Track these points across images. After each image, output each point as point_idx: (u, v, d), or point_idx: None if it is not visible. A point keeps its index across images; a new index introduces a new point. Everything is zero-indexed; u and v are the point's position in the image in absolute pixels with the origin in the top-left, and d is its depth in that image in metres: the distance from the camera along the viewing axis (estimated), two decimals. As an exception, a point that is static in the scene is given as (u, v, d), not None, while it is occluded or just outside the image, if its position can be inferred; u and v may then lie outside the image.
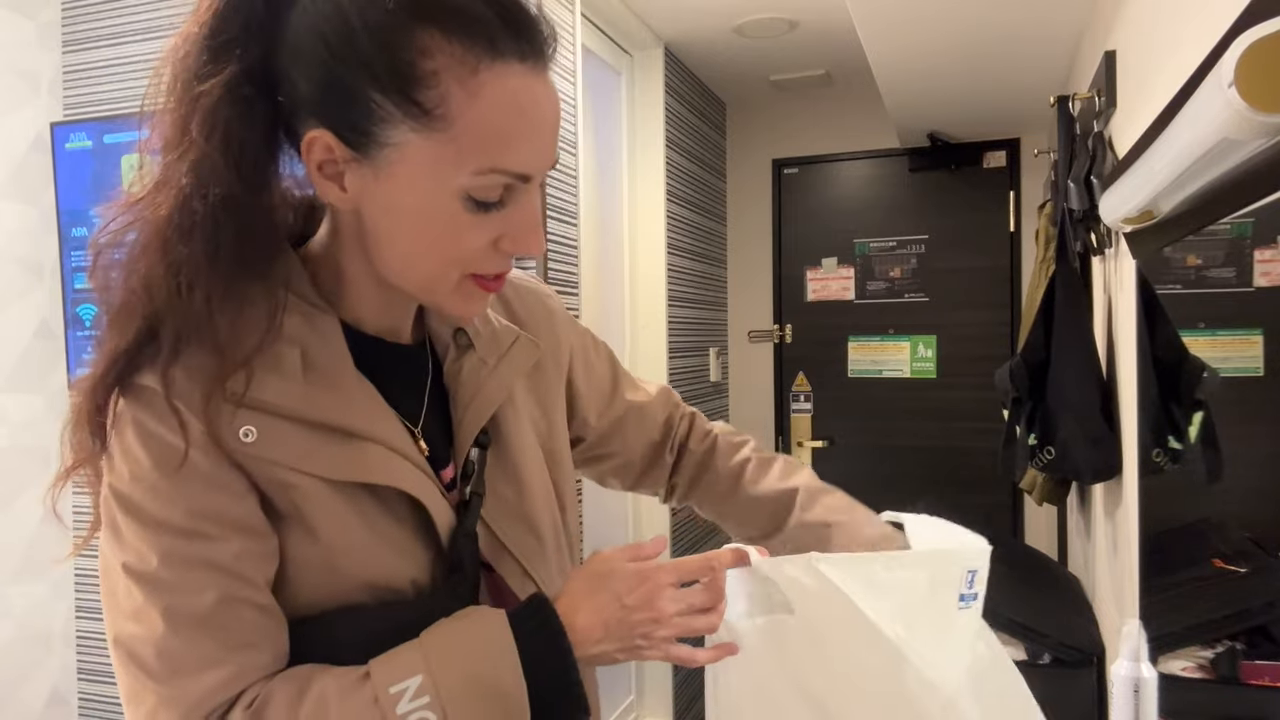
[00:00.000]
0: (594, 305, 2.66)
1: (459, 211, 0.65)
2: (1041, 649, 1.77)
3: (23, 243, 2.19)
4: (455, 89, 0.62)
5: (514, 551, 0.79)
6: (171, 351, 0.65)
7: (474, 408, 0.79)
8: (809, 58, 3.15)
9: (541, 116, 0.66)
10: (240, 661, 0.65)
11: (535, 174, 0.66)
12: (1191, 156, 0.78)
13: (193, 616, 0.64)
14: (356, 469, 0.69)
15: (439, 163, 0.63)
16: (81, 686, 2.32)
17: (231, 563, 0.65)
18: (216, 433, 0.65)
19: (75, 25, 2.28)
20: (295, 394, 0.67)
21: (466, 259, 0.67)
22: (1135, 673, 1.05)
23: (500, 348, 0.83)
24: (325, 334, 0.71)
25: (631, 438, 1.02)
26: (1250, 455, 0.95)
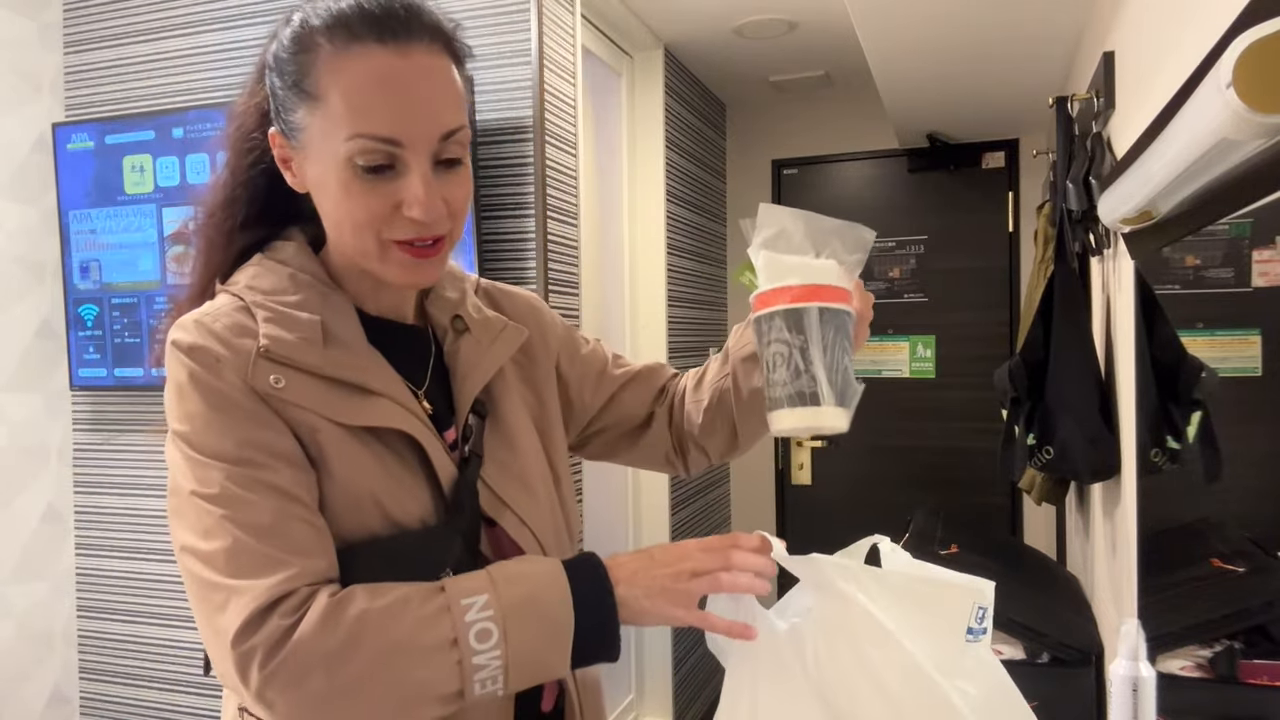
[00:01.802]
0: (594, 305, 2.66)
1: (352, 178, 0.76)
2: (1040, 648, 1.77)
3: (24, 243, 2.19)
4: (325, 72, 0.76)
5: (511, 505, 0.90)
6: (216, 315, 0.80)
7: (471, 379, 0.91)
8: (808, 58, 3.16)
9: (399, 86, 0.76)
10: (301, 564, 0.75)
11: (404, 138, 0.76)
12: (1190, 157, 0.78)
13: (257, 527, 0.74)
14: (370, 416, 0.81)
15: (326, 136, 0.77)
16: (83, 685, 2.33)
17: (285, 485, 0.76)
18: (253, 380, 0.77)
19: (77, 26, 2.28)
20: (317, 354, 0.80)
21: (373, 223, 0.78)
22: (1134, 672, 1.05)
23: (492, 332, 0.96)
24: (340, 309, 0.84)
25: (627, 406, 1.12)
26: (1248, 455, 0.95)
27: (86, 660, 2.32)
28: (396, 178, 0.77)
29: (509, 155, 2.03)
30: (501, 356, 0.95)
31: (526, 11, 2.00)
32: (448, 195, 0.79)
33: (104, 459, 2.29)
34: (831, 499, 3.67)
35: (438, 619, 0.74)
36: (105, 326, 2.18)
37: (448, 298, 0.95)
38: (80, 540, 2.31)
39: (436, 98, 0.78)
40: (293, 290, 0.83)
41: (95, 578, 2.30)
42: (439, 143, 0.78)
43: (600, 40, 2.66)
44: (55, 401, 2.27)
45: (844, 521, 3.65)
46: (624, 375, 1.14)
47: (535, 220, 2.03)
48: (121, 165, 2.14)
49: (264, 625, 0.71)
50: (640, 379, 1.15)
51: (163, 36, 2.21)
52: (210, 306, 0.82)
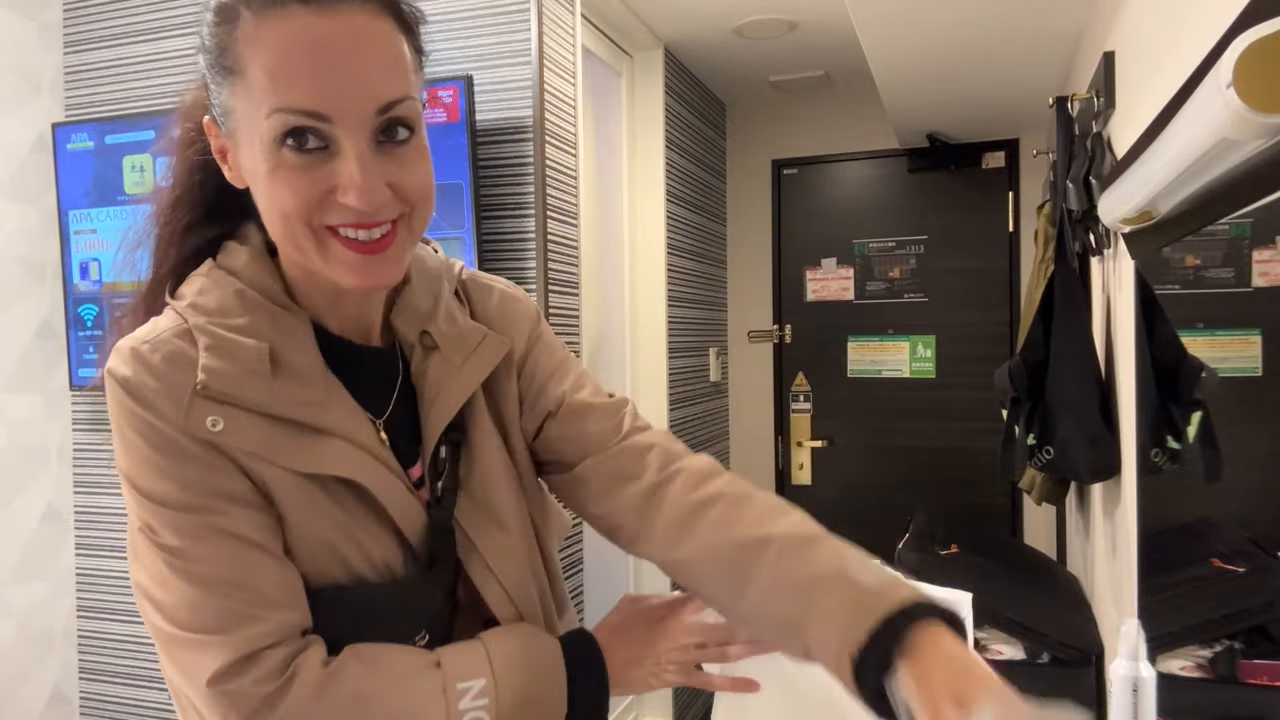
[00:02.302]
0: (594, 305, 2.66)
1: (279, 161, 0.67)
2: (1040, 648, 1.77)
3: (24, 243, 2.19)
4: (244, 44, 0.67)
5: (479, 547, 0.81)
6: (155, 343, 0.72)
7: (438, 406, 0.80)
8: (808, 58, 3.16)
9: (323, 51, 0.65)
10: (271, 617, 0.69)
11: (330, 111, 0.66)
12: (1190, 157, 0.78)
13: (216, 580, 0.69)
14: (319, 461, 0.72)
15: (250, 114, 0.68)
16: (83, 685, 2.33)
17: (242, 530, 0.70)
18: (188, 423, 0.69)
19: (77, 26, 2.28)
20: (262, 389, 0.71)
21: (303, 211, 0.68)
22: (1134, 672, 1.05)
23: (467, 347, 0.83)
24: (293, 332, 0.75)
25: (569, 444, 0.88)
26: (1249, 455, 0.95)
27: (86, 660, 2.31)
28: (330, 159, 0.67)
29: (509, 155, 2.03)
30: (476, 378, 0.83)
31: (526, 11, 2.00)
32: (394, 178, 0.69)
33: (104, 459, 2.29)
34: (831, 499, 3.67)
35: (432, 700, 0.71)
36: (105, 327, 2.18)
37: (415, 308, 0.83)
38: (80, 540, 2.31)
39: (370, 64, 0.67)
40: (239, 310, 0.74)
41: (95, 578, 2.30)
42: (376, 116, 0.67)
43: (600, 40, 2.66)
44: (55, 401, 2.27)
45: (844, 521, 3.64)
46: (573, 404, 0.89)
47: (535, 220, 2.03)
48: (121, 165, 2.14)
49: (237, 684, 0.67)
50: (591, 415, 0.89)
51: (163, 36, 2.21)
52: (151, 329, 0.73)
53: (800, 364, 3.69)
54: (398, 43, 0.69)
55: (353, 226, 0.68)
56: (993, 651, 1.80)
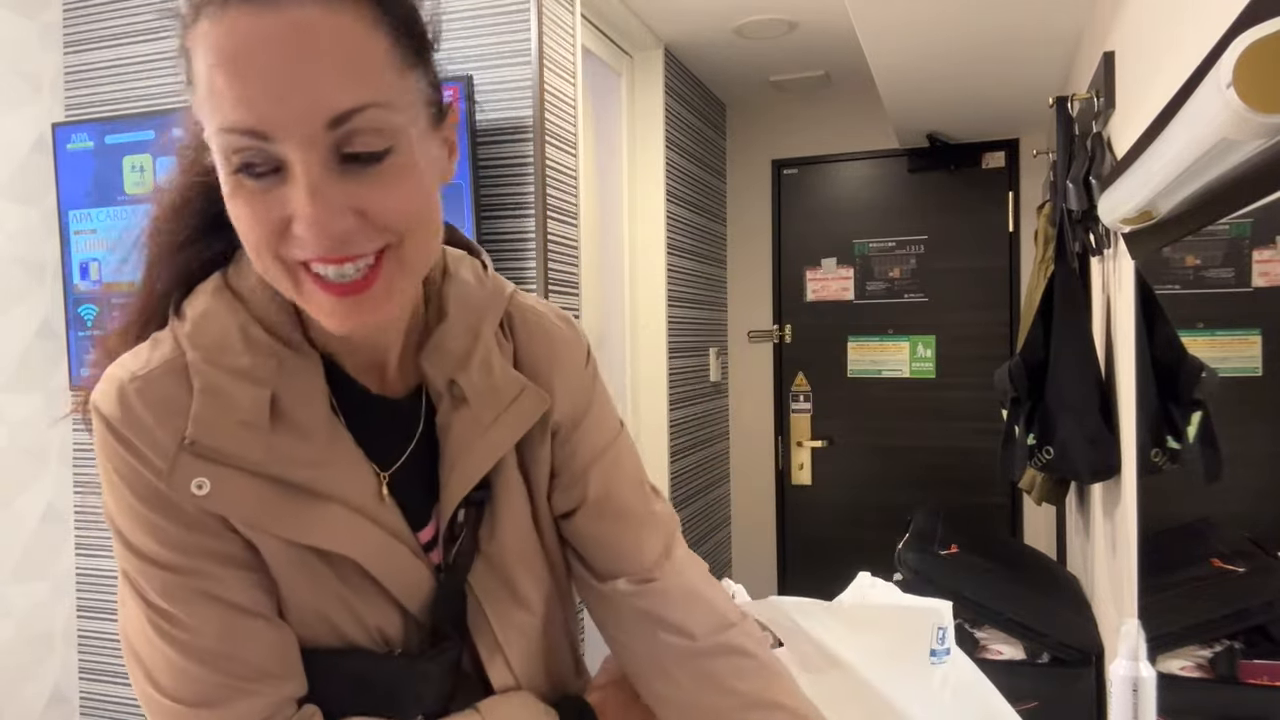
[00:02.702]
0: (594, 305, 2.66)
1: (238, 184, 0.58)
2: (1040, 648, 1.77)
3: (24, 243, 2.19)
4: (191, 51, 0.58)
5: (491, 620, 0.74)
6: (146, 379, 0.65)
7: (460, 469, 0.71)
8: (809, 58, 3.16)
9: (256, 56, 0.54)
10: (265, 691, 0.65)
11: (267, 127, 0.55)
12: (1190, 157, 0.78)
13: (203, 651, 0.63)
14: (309, 532, 0.65)
15: (207, 131, 0.58)
16: (83, 685, 2.32)
17: (232, 596, 0.65)
18: (170, 484, 0.63)
19: (77, 26, 2.28)
20: (258, 445, 0.64)
21: (266, 241, 0.58)
22: (1134, 672, 1.05)
23: (500, 402, 0.73)
24: (300, 377, 0.67)
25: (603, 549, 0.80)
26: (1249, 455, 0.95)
27: (86, 660, 2.31)
28: (283, 183, 0.57)
29: (509, 155, 2.03)
30: (507, 440, 0.73)
31: (526, 11, 2.00)
32: (364, 202, 0.58)
33: (104, 459, 2.29)
34: (831, 499, 3.67)
35: None
36: (105, 327, 2.18)
37: (448, 350, 0.72)
38: (80, 540, 2.31)
39: (315, 67, 0.55)
40: (242, 348, 0.65)
41: (95, 578, 2.30)
42: (327, 131, 0.56)
43: (600, 40, 2.65)
44: (55, 401, 2.27)
45: (844, 521, 3.65)
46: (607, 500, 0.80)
47: (535, 220, 2.03)
48: (121, 165, 2.14)
49: None
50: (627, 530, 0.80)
51: (163, 36, 2.21)
52: (144, 359, 0.65)
53: (800, 364, 3.70)
54: (362, 37, 0.57)
55: (320, 262, 0.58)
56: (993, 651, 1.80)
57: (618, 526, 0.80)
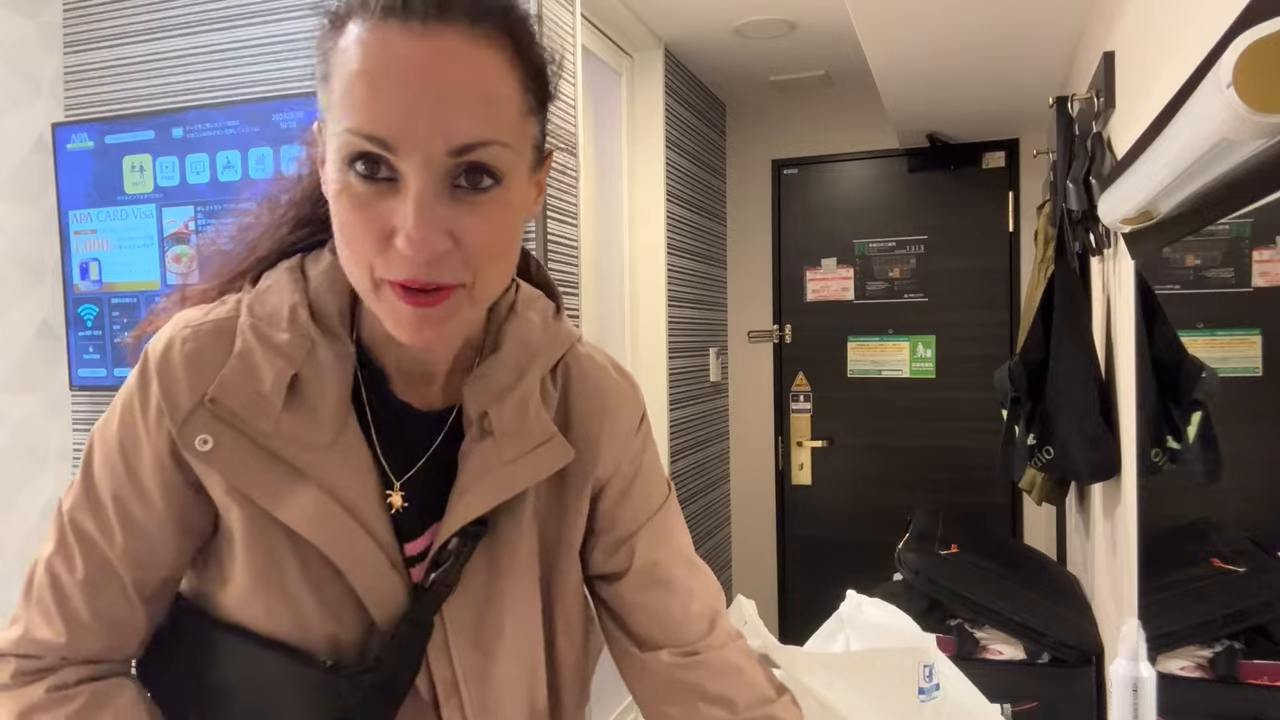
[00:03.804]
0: (594, 305, 2.66)
1: (346, 185, 0.60)
2: (1040, 648, 1.77)
3: (24, 243, 2.19)
4: (339, 53, 0.61)
5: (455, 660, 0.73)
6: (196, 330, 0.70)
7: (470, 496, 0.71)
8: (808, 58, 3.16)
9: (403, 74, 0.58)
10: (72, 634, 0.70)
11: (395, 140, 0.58)
12: (1190, 157, 0.78)
13: (58, 579, 0.70)
14: (282, 507, 0.67)
15: (331, 128, 0.62)
16: (82, 686, 2.32)
17: (114, 559, 0.70)
18: (180, 435, 0.67)
19: (76, 26, 2.28)
20: (268, 417, 0.67)
21: (367, 249, 0.61)
22: (1134, 672, 1.05)
23: (525, 445, 0.73)
24: (330, 367, 0.69)
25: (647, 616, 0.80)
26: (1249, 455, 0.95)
27: (86, 660, 2.31)
28: (395, 194, 0.60)
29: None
30: (522, 480, 0.73)
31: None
32: (461, 227, 0.60)
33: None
34: (831, 499, 3.67)
35: None
36: (105, 327, 2.18)
37: (492, 381, 0.73)
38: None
39: (452, 96, 0.58)
40: (286, 325, 0.69)
41: (95, 578, 2.30)
42: (448, 157, 0.59)
43: (600, 40, 2.65)
44: (55, 401, 2.27)
45: (844, 521, 3.65)
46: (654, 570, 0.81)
47: (535, 220, 2.03)
48: (121, 165, 2.14)
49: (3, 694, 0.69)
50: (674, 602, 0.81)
51: (163, 36, 2.21)
52: (201, 314, 0.71)
53: (800, 364, 3.70)
54: (498, 78, 0.60)
55: (406, 284, 0.61)
56: (993, 651, 1.80)
57: (665, 597, 0.80)
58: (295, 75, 2.09)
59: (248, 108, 2.05)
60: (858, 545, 3.60)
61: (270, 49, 2.12)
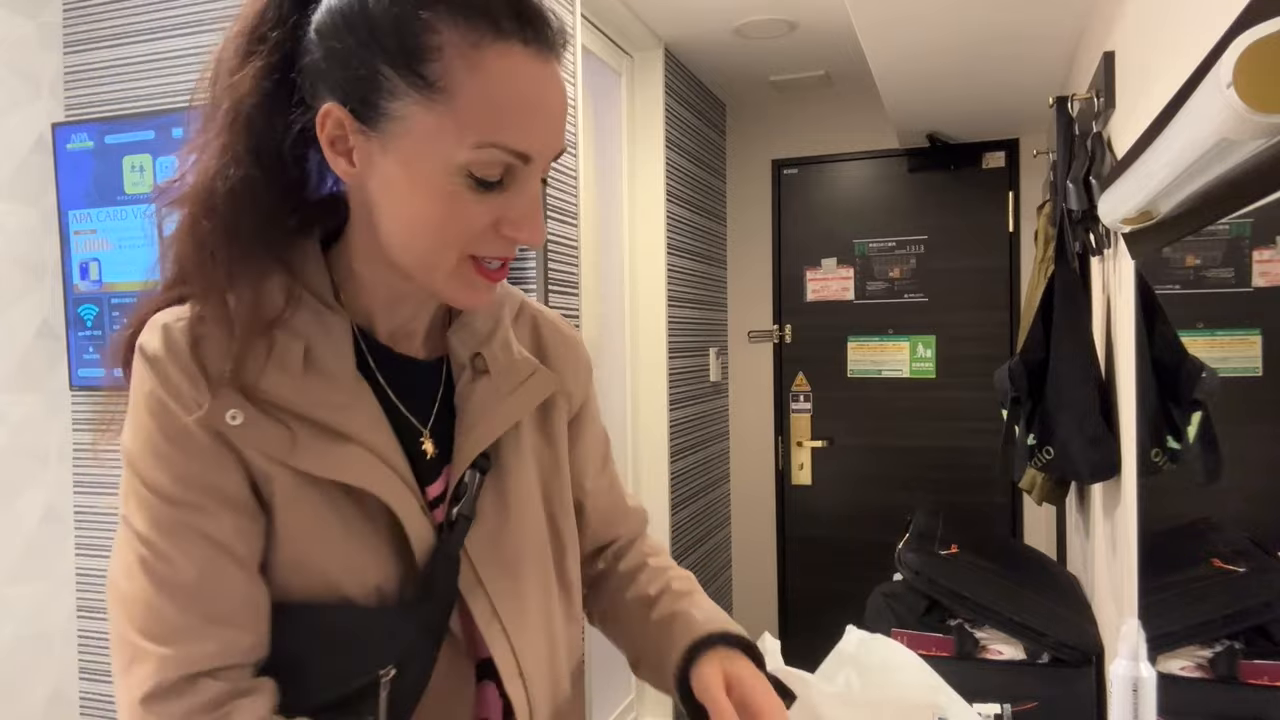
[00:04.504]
0: (594, 305, 2.66)
1: (459, 188, 0.66)
2: (1040, 648, 1.77)
3: (23, 243, 2.19)
4: (458, 63, 0.64)
5: (486, 586, 0.78)
6: (190, 322, 0.70)
7: (478, 431, 0.79)
8: (809, 58, 3.16)
9: (543, 98, 0.67)
10: (222, 639, 0.67)
11: (535, 155, 0.67)
12: (1190, 157, 0.78)
13: (178, 585, 0.67)
14: (336, 468, 0.71)
15: (440, 135, 0.65)
16: (83, 686, 2.32)
17: (222, 536, 0.68)
18: (207, 413, 0.68)
19: (76, 26, 2.28)
20: (290, 386, 0.70)
21: (466, 239, 0.68)
22: (1134, 672, 1.05)
23: (517, 378, 0.83)
24: (332, 332, 0.73)
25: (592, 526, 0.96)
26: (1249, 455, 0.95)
27: (86, 660, 2.31)
28: (503, 191, 0.68)
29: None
30: (521, 410, 0.83)
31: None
32: None
33: (104, 459, 2.29)
34: (831, 499, 3.67)
35: None
36: (105, 327, 2.18)
37: (474, 329, 0.83)
38: (80, 540, 2.31)
39: (563, 115, 0.70)
40: (282, 302, 0.72)
41: (95, 578, 2.30)
42: (551, 162, 0.70)
43: (600, 40, 2.65)
44: (55, 401, 2.27)
45: (844, 521, 3.65)
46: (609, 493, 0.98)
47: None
48: (121, 165, 2.14)
49: (169, 707, 0.65)
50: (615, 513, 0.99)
51: (163, 36, 2.21)
52: (184, 308, 0.72)
53: (800, 364, 3.70)
54: None
55: (498, 259, 0.71)
56: (993, 651, 1.80)
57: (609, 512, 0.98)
58: (295, 75, 2.09)
59: (248, 108, 2.05)
60: (858, 545, 3.60)
61: (270, 49, 2.12)
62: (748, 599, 3.76)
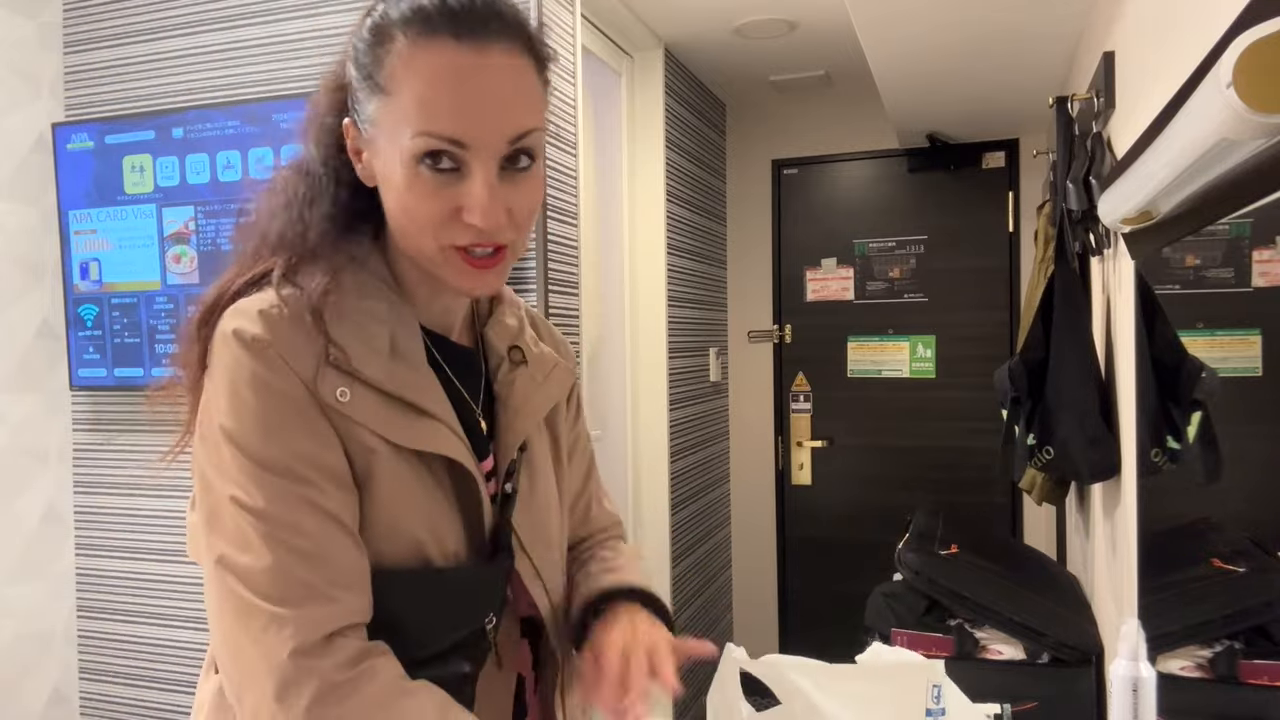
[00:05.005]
0: (594, 305, 2.66)
1: (418, 176, 0.73)
2: (1040, 648, 1.77)
3: (24, 243, 2.19)
4: (399, 65, 0.74)
5: (530, 552, 0.88)
6: (284, 308, 0.76)
7: (523, 414, 0.89)
8: (809, 58, 3.16)
9: (474, 85, 0.72)
10: (345, 600, 0.73)
11: (471, 140, 0.72)
12: (1190, 157, 0.78)
13: (301, 551, 0.72)
14: (427, 440, 0.79)
15: (393, 130, 0.74)
16: (83, 685, 2.32)
17: (331, 508, 0.74)
18: (318, 390, 0.74)
19: (77, 26, 2.28)
20: (383, 369, 0.77)
21: (434, 226, 0.74)
22: (1134, 672, 1.05)
23: (545, 369, 0.94)
24: (407, 322, 0.82)
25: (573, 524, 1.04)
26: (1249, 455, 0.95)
27: (86, 660, 2.31)
28: (460, 180, 0.74)
29: (509, 155, 2.03)
30: (554, 396, 0.94)
31: (526, 12, 2.00)
32: (513, 202, 0.76)
33: (104, 459, 2.29)
34: (831, 499, 3.67)
35: None
36: (105, 326, 2.18)
37: (508, 324, 0.93)
38: (80, 540, 2.31)
39: (508, 98, 0.74)
40: (364, 294, 0.80)
41: (95, 578, 2.30)
42: (507, 145, 0.74)
43: (600, 40, 2.65)
44: (55, 401, 2.27)
45: (844, 521, 3.65)
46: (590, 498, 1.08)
47: (535, 220, 2.03)
48: (121, 165, 2.14)
49: (317, 663, 0.70)
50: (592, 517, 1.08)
51: (163, 36, 2.21)
52: (271, 298, 0.77)
53: (800, 364, 3.70)
54: (532, 78, 0.77)
55: (473, 245, 0.76)
56: (993, 651, 1.81)
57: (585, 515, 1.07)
58: (295, 75, 2.09)
59: (248, 108, 2.05)
60: (858, 545, 3.60)
61: (270, 49, 2.12)
62: (748, 599, 3.76)
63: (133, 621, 2.26)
